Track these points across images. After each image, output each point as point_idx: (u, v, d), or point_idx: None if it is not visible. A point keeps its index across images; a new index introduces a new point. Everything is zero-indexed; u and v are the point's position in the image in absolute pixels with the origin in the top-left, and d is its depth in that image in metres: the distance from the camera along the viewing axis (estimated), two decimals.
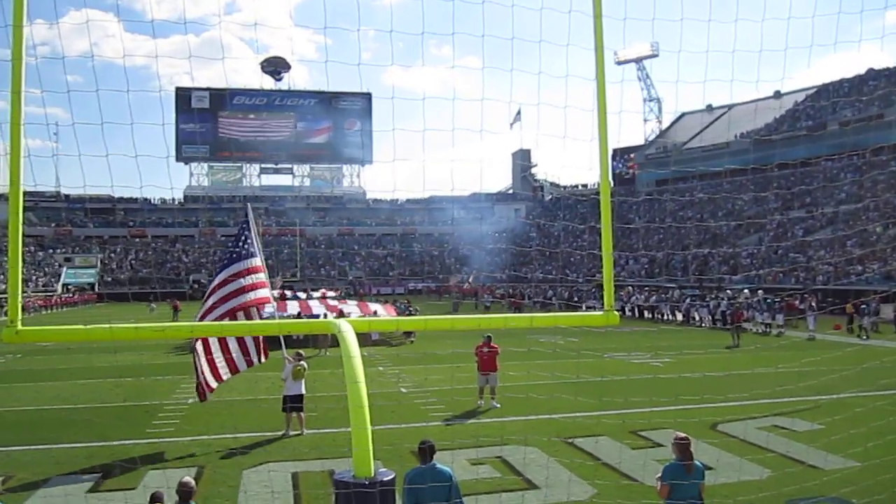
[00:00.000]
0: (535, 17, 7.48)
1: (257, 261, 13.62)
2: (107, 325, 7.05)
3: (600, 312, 7.93)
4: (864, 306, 29.33)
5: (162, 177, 8.72)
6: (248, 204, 15.18)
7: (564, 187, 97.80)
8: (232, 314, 12.97)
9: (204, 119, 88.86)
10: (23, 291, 6.97)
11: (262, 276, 13.59)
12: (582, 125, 7.78)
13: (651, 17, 8.02)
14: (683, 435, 6.93)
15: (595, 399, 14.76)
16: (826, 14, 8.44)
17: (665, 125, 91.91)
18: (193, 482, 6.37)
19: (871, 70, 68.04)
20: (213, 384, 12.84)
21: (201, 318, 12.73)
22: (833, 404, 14.54)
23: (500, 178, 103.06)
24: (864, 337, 27.76)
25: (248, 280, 13.25)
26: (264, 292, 13.61)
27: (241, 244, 13.66)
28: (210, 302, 12.95)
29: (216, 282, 13.22)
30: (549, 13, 7.42)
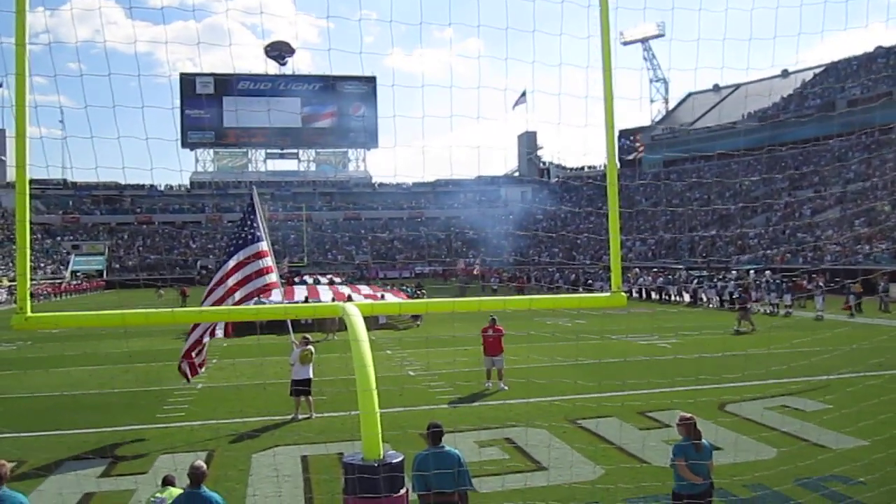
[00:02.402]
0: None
1: (264, 245, 13.64)
2: (114, 311, 7.09)
3: (607, 294, 7.91)
4: (848, 283, 29.22)
5: (167, 163, 8.71)
6: (254, 188, 15.12)
7: (571, 169, 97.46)
8: (247, 299, 13.04)
9: (209, 105, 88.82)
10: (31, 279, 6.99)
11: (269, 261, 13.61)
12: (588, 108, 7.74)
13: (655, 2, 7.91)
14: (688, 415, 7.00)
15: (602, 380, 14.78)
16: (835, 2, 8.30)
17: (672, 105, 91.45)
18: (205, 466, 6.41)
19: (879, 48, 67.41)
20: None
21: (219, 303, 12.72)
22: (841, 383, 14.51)
23: (506, 161, 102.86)
24: (851, 315, 27.80)
25: (258, 265, 13.26)
26: (271, 277, 13.63)
27: (248, 228, 13.66)
28: (226, 287, 12.91)
29: (229, 266, 13.15)
30: None
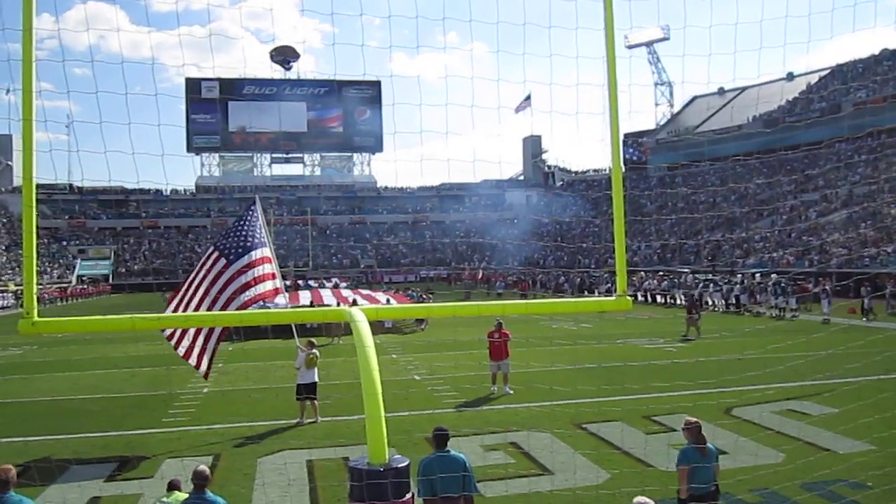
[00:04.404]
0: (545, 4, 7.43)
1: (266, 251, 13.63)
2: (120, 316, 7.12)
3: (613, 298, 7.91)
4: (862, 287, 29.15)
5: (169, 168, 8.77)
6: (257, 197, 15.10)
7: (575, 172, 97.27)
8: (248, 305, 13.00)
9: (214, 109, 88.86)
10: (38, 283, 7.03)
11: (272, 267, 13.59)
12: (593, 113, 7.76)
13: (660, 5, 7.92)
14: (694, 419, 6.99)
15: (608, 384, 14.76)
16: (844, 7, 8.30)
17: (677, 108, 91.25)
18: (208, 470, 6.42)
19: (885, 50, 67.22)
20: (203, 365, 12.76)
21: (223, 308, 12.59)
22: (846, 387, 14.44)
23: (511, 165, 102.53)
24: (868, 319, 27.71)
25: (257, 272, 13.22)
26: (275, 283, 13.61)
27: (242, 236, 13.51)
28: (229, 291, 12.82)
29: (233, 271, 13.01)
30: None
